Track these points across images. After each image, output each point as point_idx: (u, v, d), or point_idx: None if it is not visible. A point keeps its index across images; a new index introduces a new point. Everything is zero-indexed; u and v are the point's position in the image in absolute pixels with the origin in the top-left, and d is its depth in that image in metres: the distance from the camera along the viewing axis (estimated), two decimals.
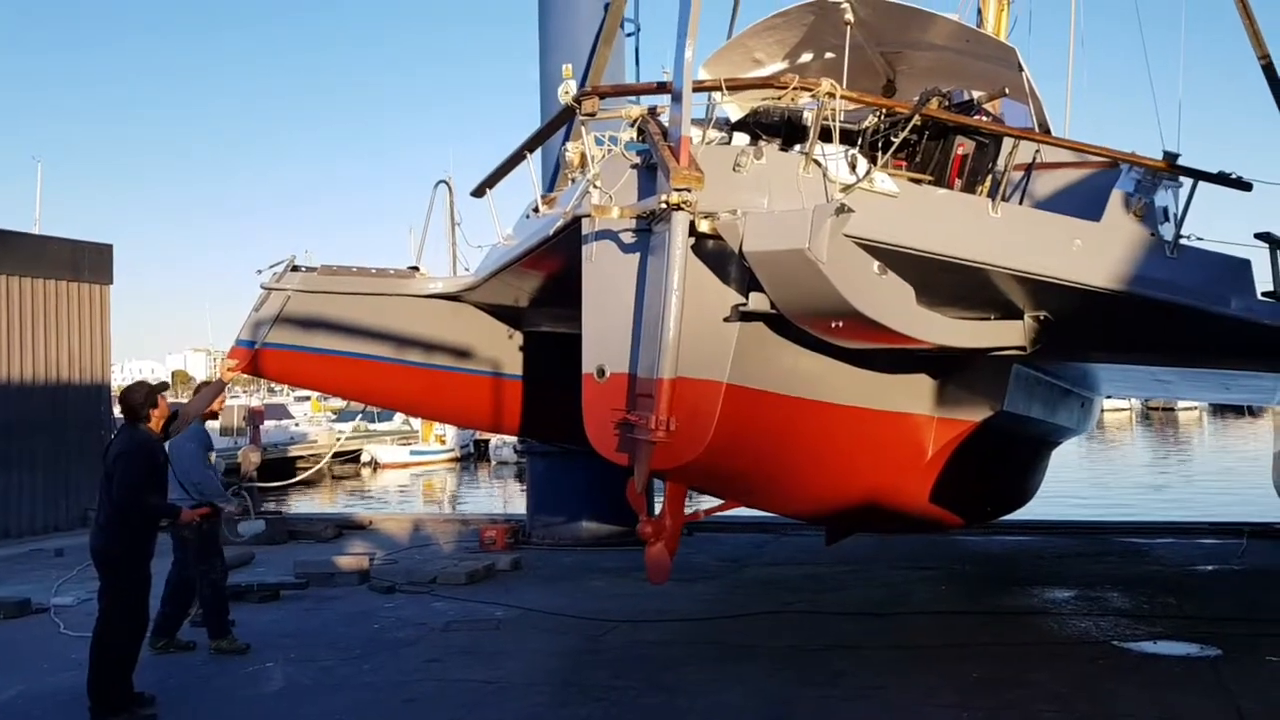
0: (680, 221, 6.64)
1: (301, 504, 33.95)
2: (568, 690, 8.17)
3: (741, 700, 7.75)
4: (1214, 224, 12.02)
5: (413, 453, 47.21)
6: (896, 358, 8.89)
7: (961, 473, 10.42)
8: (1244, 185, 8.47)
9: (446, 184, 11.66)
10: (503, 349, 11.40)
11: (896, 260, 7.42)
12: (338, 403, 54.11)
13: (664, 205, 6.66)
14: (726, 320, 7.25)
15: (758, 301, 7.11)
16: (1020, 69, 9.79)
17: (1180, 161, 8.85)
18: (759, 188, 7.16)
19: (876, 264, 7.25)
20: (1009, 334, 8.69)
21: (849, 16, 9.56)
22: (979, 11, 14.57)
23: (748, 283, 7.14)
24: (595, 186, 7.53)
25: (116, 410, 9.99)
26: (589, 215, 7.47)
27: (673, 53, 6.81)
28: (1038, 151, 9.47)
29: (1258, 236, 9.05)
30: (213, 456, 9.62)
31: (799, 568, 13.31)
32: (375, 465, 45.04)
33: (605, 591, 11.88)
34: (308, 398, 54.91)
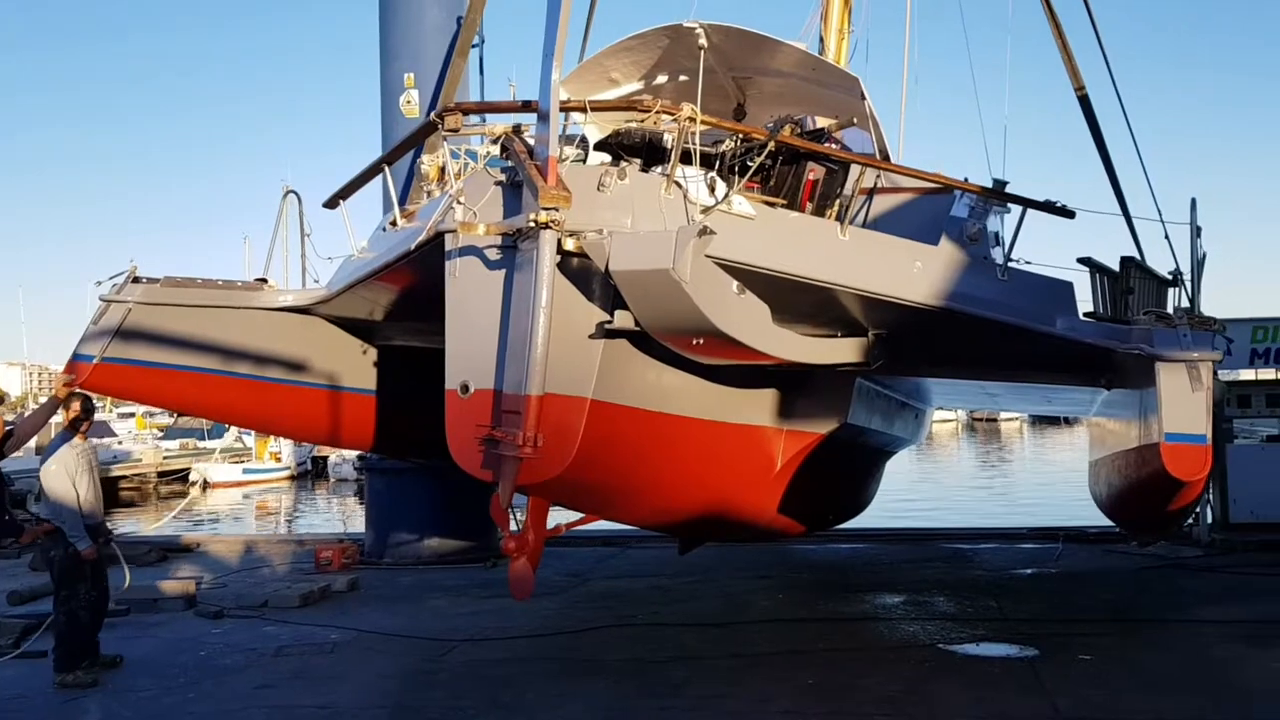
0: (548, 240, 6.73)
1: (124, 526, 32.30)
2: (404, 714, 8.06)
3: (582, 715, 7.80)
4: (1040, 248, 12.89)
5: (246, 471, 45.43)
6: (749, 373, 9.21)
7: (807, 483, 10.84)
8: (1068, 213, 9.12)
9: (295, 195, 11.44)
10: (355, 364, 11.21)
11: (753, 280, 7.70)
12: (164, 419, 51.74)
13: (532, 223, 6.73)
14: (591, 337, 7.36)
15: (622, 319, 7.26)
16: (863, 97, 10.28)
17: (1009, 189, 9.49)
18: (622, 208, 7.31)
19: (735, 284, 7.51)
20: (855, 350, 9.12)
21: (702, 41, 9.86)
22: (820, 39, 15.18)
23: (612, 300, 7.28)
24: (459, 202, 7.54)
25: None
26: (453, 231, 7.46)
27: (516, 66, 6.89)
28: (879, 177, 9.96)
29: (1080, 261, 9.77)
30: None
31: (642, 580, 13.45)
32: (205, 484, 43.26)
33: (446, 610, 11.75)
34: (132, 414, 52.29)
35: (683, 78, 10.79)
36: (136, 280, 9.84)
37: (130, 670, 9.32)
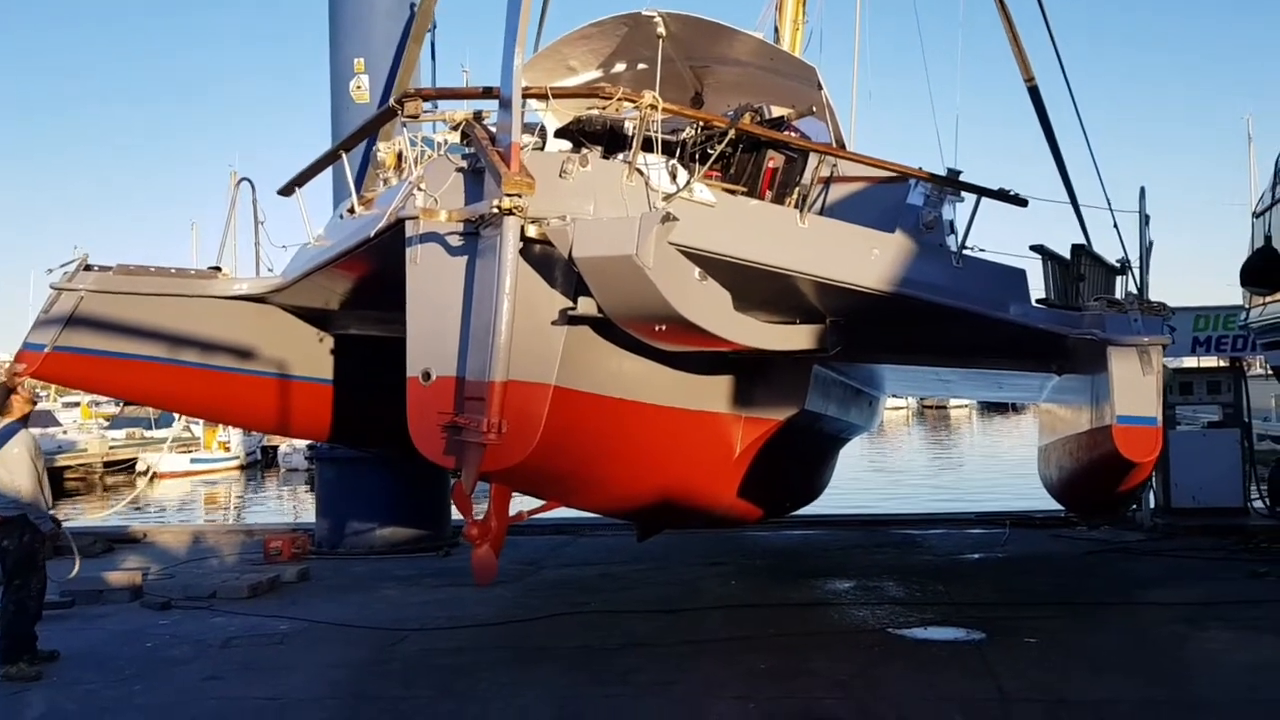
0: (512, 226, 6.73)
1: (69, 517, 31.74)
2: (355, 703, 8.00)
3: (534, 703, 7.79)
4: (994, 236, 13.03)
5: (194, 461, 44.69)
6: (709, 360, 9.27)
7: (765, 469, 10.94)
8: (1020, 201, 9.29)
9: (249, 182, 11.31)
10: (311, 352, 11.10)
11: (714, 267, 7.77)
12: (110, 408, 50.81)
13: (496, 210, 6.73)
14: (554, 324, 7.38)
15: (585, 306, 7.29)
16: (820, 87, 10.37)
17: (962, 178, 9.64)
18: (585, 195, 7.34)
19: (697, 270, 7.56)
20: (813, 337, 9.23)
21: (661, 30, 9.89)
22: (775, 30, 15.29)
23: (575, 287, 7.30)
24: (420, 189, 7.52)
25: None
26: (414, 218, 7.44)
27: (469, 53, 6.89)
28: (835, 165, 10.07)
29: (1032, 248, 9.95)
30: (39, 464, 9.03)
31: (595, 568, 13.45)
32: (152, 475, 42.59)
33: (398, 600, 11.67)
34: (77, 403, 51.31)
35: (641, 66, 10.82)
36: (88, 268, 9.68)
37: (75, 663, 9.15)
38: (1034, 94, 11.94)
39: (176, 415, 44.42)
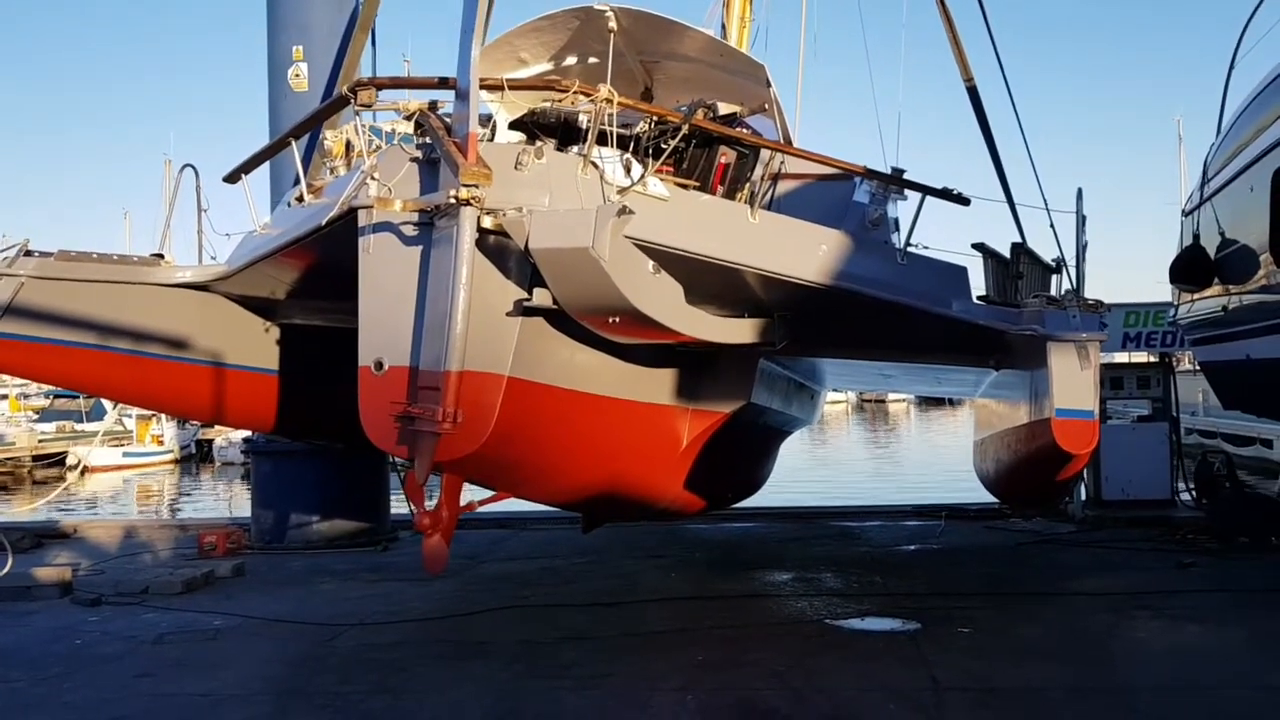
0: (469, 217, 6.76)
1: None
2: (290, 699, 7.92)
3: (471, 697, 7.75)
4: (937, 233, 13.23)
5: (126, 454, 43.89)
6: (659, 353, 9.38)
7: (711, 461, 11.08)
8: (963, 200, 9.51)
9: (193, 169, 11.18)
10: (256, 342, 11.01)
11: (667, 260, 7.87)
12: (39, 400, 49.65)
13: (453, 200, 6.76)
14: (508, 315, 7.42)
15: (541, 297, 7.34)
16: (769, 85, 10.52)
17: (907, 176, 9.84)
18: (540, 186, 7.38)
19: (651, 263, 7.66)
20: (762, 330, 9.37)
21: (612, 24, 9.95)
22: (723, 27, 15.44)
23: (530, 278, 7.35)
24: (373, 178, 7.51)
25: None
26: (367, 207, 7.43)
27: (411, 41, 6.86)
28: (783, 162, 10.22)
29: (974, 246, 10.19)
30: None
31: (536, 562, 13.45)
32: (83, 469, 41.73)
33: (335, 595, 11.55)
34: (4, 396, 50.02)
35: (591, 60, 10.88)
36: (29, 254, 9.51)
37: (0, 660, 8.97)
38: (973, 94, 12.15)
39: (108, 408, 43.76)
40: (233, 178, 10.49)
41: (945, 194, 9.54)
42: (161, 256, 10.63)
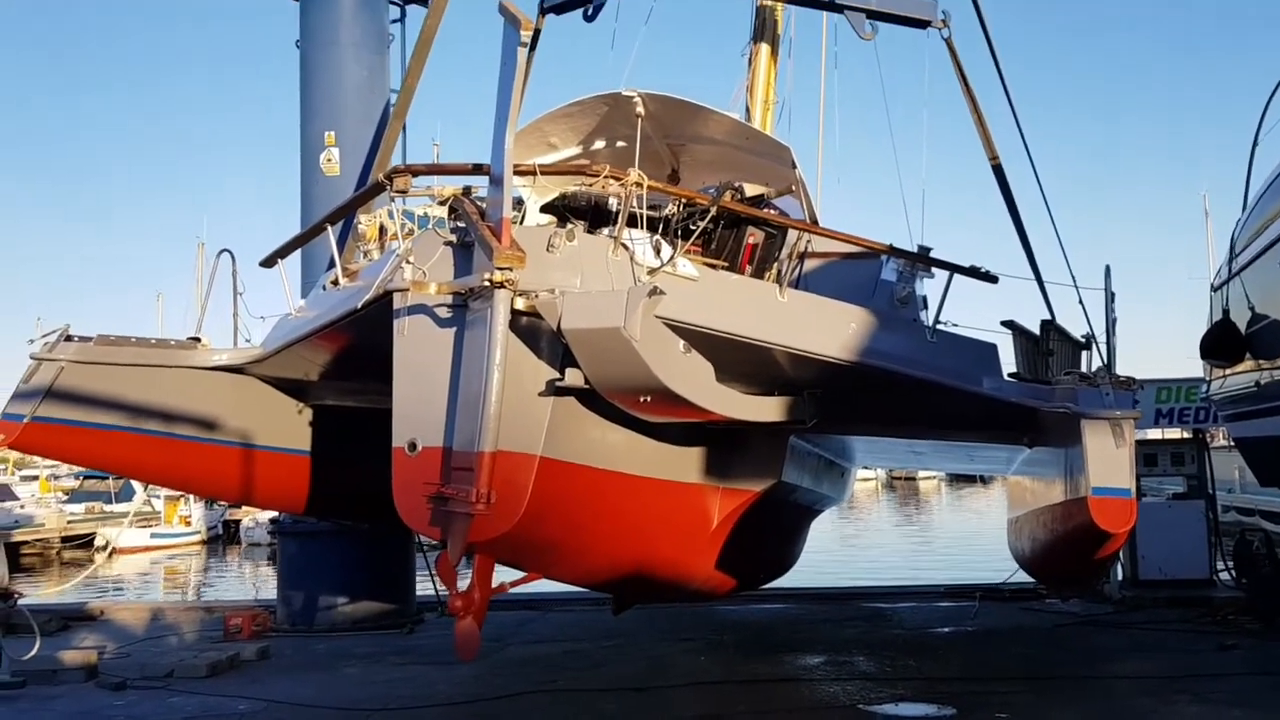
0: (503, 299, 6.86)
1: (22, 594, 30.86)
2: None
3: None
4: (965, 310, 13.19)
5: (154, 535, 43.92)
6: (689, 432, 9.39)
7: (742, 540, 10.99)
8: (991, 278, 9.56)
9: (230, 254, 11.41)
10: (290, 424, 11.13)
11: (697, 339, 7.93)
12: (69, 482, 49.93)
13: (487, 282, 6.86)
14: (541, 395, 7.48)
15: (573, 377, 7.40)
16: (794, 166, 10.67)
17: (933, 254, 9.90)
18: (571, 268, 7.49)
19: (682, 343, 7.72)
20: (793, 409, 9.37)
21: (640, 109, 10.18)
22: (746, 110, 15.72)
23: (562, 358, 7.42)
24: (409, 262, 7.64)
25: None
26: (402, 290, 7.55)
27: (441, 125, 6.99)
28: (809, 241, 10.32)
29: (1003, 324, 10.20)
30: None
31: (563, 645, 13.28)
32: (111, 550, 41.80)
33: (360, 679, 11.47)
34: (35, 477, 50.41)
35: (619, 144, 11.08)
36: (69, 338, 9.71)
37: None
38: (998, 172, 12.22)
39: (137, 489, 43.91)
40: (269, 262, 10.71)
41: (973, 272, 9.59)
42: (198, 340, 10.81)
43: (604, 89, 10.57)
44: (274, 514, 23.31)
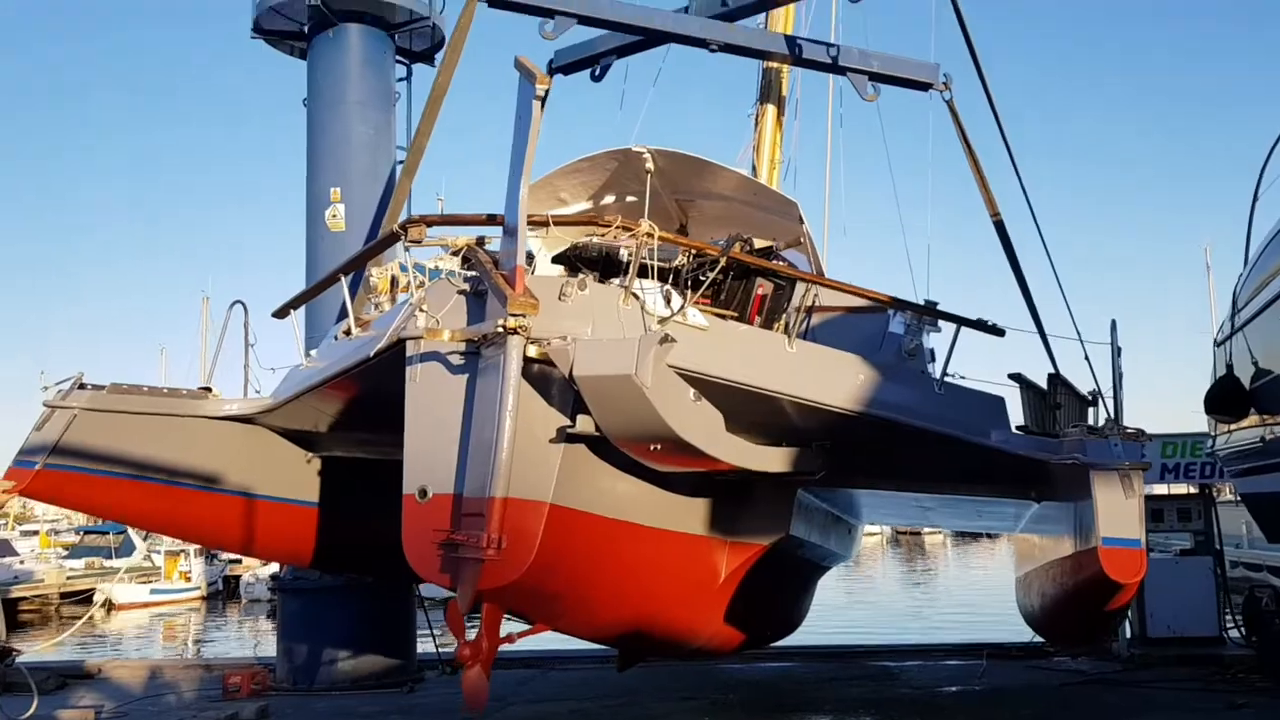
0: (516, 346, 6.95)
1: (20, 651, 30.55)
2: None
3: None
4: (971, 363, 13.21)
5: (154, 591, 43.61)
6: (697, 482, 9.40)
7: (749, 596, 10.95)
8: (998, 331, 9.63)
9: (242, 305, 11.51)
10: (299, 474, 11.14)
11: (707, 389, 8.00)
12: (70, 537, 49.72)
13: (500, 329, 6.95)
14: (552, 441, 7.52)
15: (583, 424, 7.45)
16: (801, 221, 10.81)
17: (940, 307, 9.98)
18: (583, 317, 7.59)
19: (692, 391, 7.78)
20: (802, 459, 9.40)
21: (649, 165, 10.33)
22: (753, 168, 15.94)
23: (573, 406, 7.47)
24: (421, 310, 7.73)
25: None
26: (415, 338, 7.63)
27: (445, 179, 7.07)
28: (817, 294, 10.42)
29: (1010, 377, 10.25)
30: None
31: (566, 704, 13.11)
32: (110, 605, 41.48)
33: None
34: (35, 532, 50.21)
35: (629, 198, 11.24)
36: (82, 387, 9.77)
37: None
38: (1000, 229, 12.32)
39: (137, 544, 43.77)
40: (282, 313, 10.81)
41: (979, 324, 9.66)
42: (209, 389, 10.86)
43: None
44: (274, 570, 23.16)
